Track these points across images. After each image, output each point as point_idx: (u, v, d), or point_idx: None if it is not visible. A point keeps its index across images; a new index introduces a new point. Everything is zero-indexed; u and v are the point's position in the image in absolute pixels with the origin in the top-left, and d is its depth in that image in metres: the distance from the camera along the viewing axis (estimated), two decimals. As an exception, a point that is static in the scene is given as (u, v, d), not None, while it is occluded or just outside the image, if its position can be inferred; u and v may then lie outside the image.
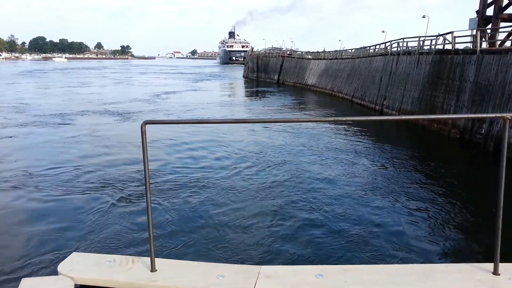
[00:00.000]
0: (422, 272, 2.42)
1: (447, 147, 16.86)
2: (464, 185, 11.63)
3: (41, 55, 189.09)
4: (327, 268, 2.53)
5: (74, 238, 7.44)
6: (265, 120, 4.06)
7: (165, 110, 26.33)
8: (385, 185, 11.05)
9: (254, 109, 29.34)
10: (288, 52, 62.60)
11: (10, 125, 19.36)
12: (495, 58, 15.90)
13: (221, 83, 58.95)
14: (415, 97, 22.07)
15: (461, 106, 17.61)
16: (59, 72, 78.48)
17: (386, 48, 29.67)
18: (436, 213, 9.03)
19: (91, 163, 12.58)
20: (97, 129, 18.54)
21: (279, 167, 12.53)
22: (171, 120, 6.49)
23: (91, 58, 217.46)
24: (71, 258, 2.64)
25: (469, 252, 7.36)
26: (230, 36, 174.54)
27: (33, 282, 2.40)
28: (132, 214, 8.49)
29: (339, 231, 7.85)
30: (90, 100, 30.49)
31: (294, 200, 9.53)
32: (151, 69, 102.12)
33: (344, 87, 36.20)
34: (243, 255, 6.81)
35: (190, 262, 2.70)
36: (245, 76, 69.77)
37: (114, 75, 71.68)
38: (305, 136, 17.74)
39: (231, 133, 17.78)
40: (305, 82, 48.63)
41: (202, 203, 9.17)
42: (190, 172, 11.78)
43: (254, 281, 2.34)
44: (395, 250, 7.17)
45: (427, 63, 21.48)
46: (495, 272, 2.37)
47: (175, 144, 15.68)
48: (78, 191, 9.91)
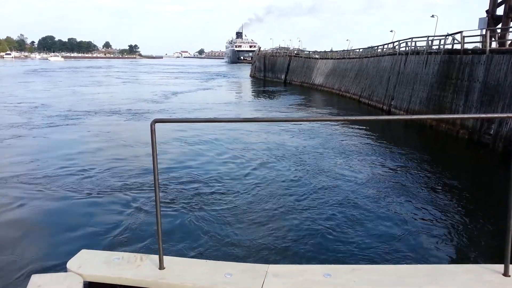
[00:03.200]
0: (431, 272, 2.40)
1: (455, 148, 16.72)
2: (472, 186, 11.54)
3: (49, 54, 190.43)
4: (336, 267, 2.52)
5: (83, 235, 7.50)
6: (273, 119, 4.04)
7: (172, 110, 26.43)
8: (393, 185, 11.00)
9: (262, 109, 29.33)
10: (295, 51, 62.34)
11: (17, 125, 19.54)
12: (505, 58, 15.73)
13: (229, 83, 59.01)
14: (423, 97, 21.91)
15: (469, 106, 17.45)
16: (62, 71, 78.86)
17: (394, 48, 29.49)
18: (445, 214, 8.96)
19: (100, 161, 12.67)
20: (107, 129, 18.65)
21: (287, 166, 12.52)
22: (180, 118, 6.50)
23: (91, 57, 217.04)
24: (80, 255, 2.66)
25: (479, 253, 7.30)
26: (237, 36, 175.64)
27: (43, 278, 2.42)
28: (141, 212, 8.54)
29: (347, 231, 7.83)
30: (100, 100, 30.69)
31: (302, 199, 9.52)
32: (159, 68, 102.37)
33: (352, 87, 36.05)
34: (251, 254, 6.82)
35: (198, 260, 2.71)
36: (252, 76, 69.70)
37: (119, 74, 71.99)
38: (313, 135, 17.70)
39: (239, 132, 17.79)
40: (312, 81, 48.49)
41: (211, 202, 9.19)
42: (199, 170, 11.81)
43: (262, 280, 2.34)
44: (403, 251, 7.13)
45: (435, 63, 21.31)
46: (506, 273, 2.35)
47: (185, 142, 15.72)
48: (87, 189, 9.97)
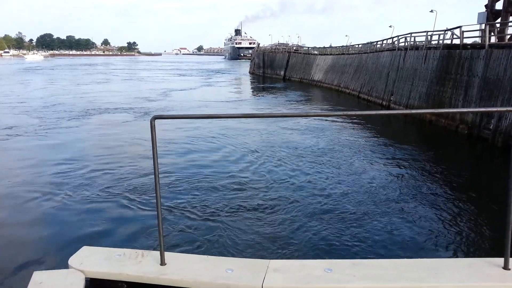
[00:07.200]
0: (431, 266, 2.41)
1: (455, 143, 16.73)
2: (472, 180, 11.56)
3: (48, 52, 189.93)
4: (336, 262, 2.52)
5: (84, 232, 7.52)
6: (273, 115, 4.01)
7: (172, 108, 26.40)
8: (392, 180, 11.01)
9: (261, 106, 29.28)
10: (294, 48, 62.15)
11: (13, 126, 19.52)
12: (504, 53, 15.72)
13: (227, 79, 58.87)
14: (422, 92, 21.90)
15: (469, 101, 17.44)
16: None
17: (394, 43, 29.43)
18: (445, 208, 8.99)
19: (101, 158, 12.70)
20: (106, 127, 18.68)
21: (285, 161, 12.52)
22: (180, 115, 6.51)
23: (89, 54, 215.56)
24: (81, 252, 2.66)
25: (479, 247, 7.33)
26: (236, 33, 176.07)
27: (45, 275, 2.42)
28: (141, 209, 8.56)
29: (348, 226, 7.85)
30: (98, 99, 30.66)
31: (302, 194, 9.53)
32: (156, 66, 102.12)
33: (351, 83, 36.01)
34: (252, 249, 6.84)
35: (199, 256, 2.71)
36: (251, 72, 69.53)
37: (117, 72, 71.81)
38: (312, 131, 17.70)
39: (238, 128, 17.79)
40: (311, 77, 48.41)
41: (212, 198, 9.21)
42: (200, 167, 11.84)
43: (263, 275, 2.35)
44: (403, 245, 7.16)
45: (435, 58, 21.29)
46: (506, 267, 2.35)
47: (185, 139, 15.74)
48: (88, 187, 9.99)
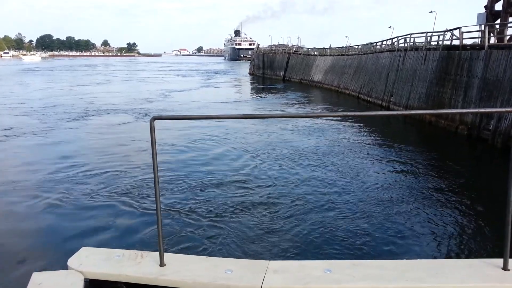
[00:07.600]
0: (431, 267, 2.41)
1: (454, 143, 16.74)
2: (472, 181, 11.56)
3: (47, 53, 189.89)
4: (336, 263, 2.52)
5: (83, 233, 7.51)
6: (272, 116, 3.96)
7: (171, 109, 26.40)
8: (392, 180, 11.01)
9: (261, 107, 29.28)
10: (294, 48, 62.17)
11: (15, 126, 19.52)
12: (504, 54, 15.73)
13: (227, 80, 58.89)
14: (422, 93, 21.91)
15: (468, 102, 17.45)
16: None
17: (393, 44, 29.45)
18: (445, 209, 8.98)
19: (101, 159, 12.70)
20: (106, 128, 18.67)
21: (284, 161, 12.52)
22: (180, 116, 6.50)
23: (88, 55, 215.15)
24: (80, 253, 2.66)
25: (479, 248, 7.32)
26: (236, 34, 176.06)
27: (44, 276, 2.41)
28: (141, 209, 8.55)
29: (348, 226, 7.84)
30: (98, 100, 30.67)
31: (302, 194, 9.53)
32: (156, 66, 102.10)
33: (351, 84, 36.02)
34: (252, 249, 6.83)
35: (198, 257, 2.70)
36: (251, 73, 69.51)
37: (116, 73, 71.80)
38: (312, 132, 17.70)
39: (238, 129, 17.78)
40: (311, 78, 48.43)
41: (211, 199, 9.20)
42: (199, 167, 11.84)
43: (262, 275, 2.34)
44: (403, 246, 7.15)
45: (434, 59, 21.30)
46: (505, 267, 2.35)
47: (184, 140, 15.73)
48: (88, 187, 9.98)
